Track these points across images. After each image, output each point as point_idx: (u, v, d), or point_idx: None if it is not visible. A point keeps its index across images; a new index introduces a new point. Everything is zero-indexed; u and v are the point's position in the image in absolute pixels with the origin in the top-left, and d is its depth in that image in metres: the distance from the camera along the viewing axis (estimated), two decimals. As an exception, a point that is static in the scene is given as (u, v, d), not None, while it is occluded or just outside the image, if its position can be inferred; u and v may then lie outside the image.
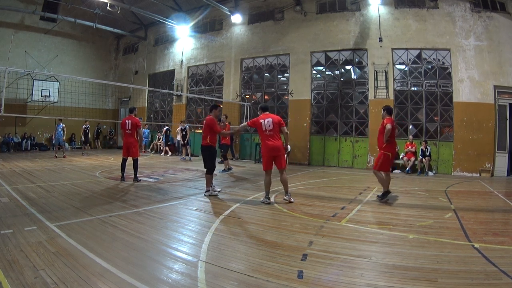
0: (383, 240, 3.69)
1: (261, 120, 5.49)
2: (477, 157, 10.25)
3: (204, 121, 6.19)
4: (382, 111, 6.05)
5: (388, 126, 5.67)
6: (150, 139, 17.04)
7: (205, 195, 5.97)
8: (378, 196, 5.95)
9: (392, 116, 6.07)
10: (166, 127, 15.70)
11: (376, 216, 4.83)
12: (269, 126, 5.44)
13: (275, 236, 3.71)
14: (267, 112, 5.64)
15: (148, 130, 17.04)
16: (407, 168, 10.56)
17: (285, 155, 5.69)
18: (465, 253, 3.23)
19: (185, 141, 13.25)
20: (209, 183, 6.09)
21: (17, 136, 15.84)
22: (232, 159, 12.57)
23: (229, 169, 9.61)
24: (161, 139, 16.28)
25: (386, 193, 5.85)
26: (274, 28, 13.69)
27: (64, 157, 12.22)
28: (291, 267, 2.81)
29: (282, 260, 2.97)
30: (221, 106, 14.94)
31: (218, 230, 3.88)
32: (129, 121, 7.23)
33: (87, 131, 14.41)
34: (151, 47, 18.39)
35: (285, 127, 5.56)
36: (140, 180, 7.35)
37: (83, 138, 14.68)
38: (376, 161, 5.98)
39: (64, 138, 13.27)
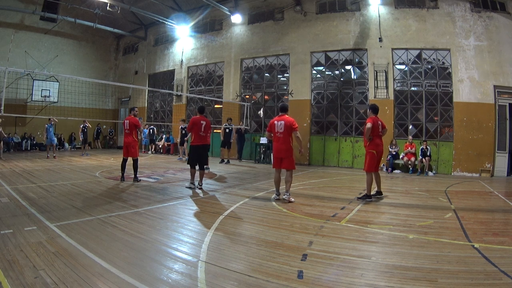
0: (383, 240, 3.69)
1: (275, 121, 5.68)
2: (477, 157, 10.25)
3: (204, 122, 6.57)
4: (368, 110, 6.03)
5: (368, 125, 5.68)
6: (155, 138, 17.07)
7: (199, 187, 6.61)
8: (357, 197, 5.92)
9: (384, 116, 6.01)
10: (151, 126, 16.46)
11: (376, 216, 4.83)
12: (281, 128, 5.56)
13: (275, 236, 3.71)
14: (283, 114, 5.73)
15: (147, 130, 17.03)
16: (410, 169, 10.55)
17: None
18: (465, 253, 3.23)
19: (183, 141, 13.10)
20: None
21: (17, 136, 15.85)
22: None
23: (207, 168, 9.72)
24: (162, 139, 16.39)
25: (368, 196, 5.78)
26: (274, 28, 13.70)
27: (47, 157, 12.09)
28: (291, 267, 2.81)
29: (282, 260, 2.97)
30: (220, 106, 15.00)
31: (218, 230, 3.88)
32: (128, 121, 7.21)
33: (85, 129, 14.31)
34: (151, 47, 18.39)
35: (297, 132, 5.59)
36: (140, 180, 7.35)
37: (81, 137, 14.60)
38: (364, 162, 5.97)
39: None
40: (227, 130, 12.19)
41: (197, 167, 6.63)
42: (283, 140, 5.57)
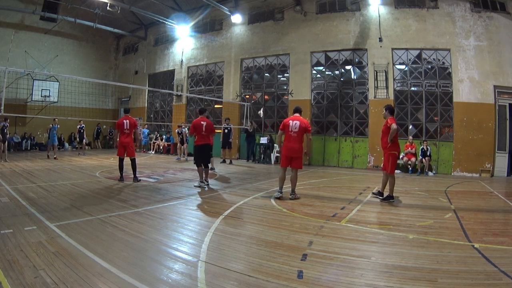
0: (383, 240, 3.68)
1: (290, 121, 5.77)
2: (477, 157, 10.25)
3: (205, 123, 6.75)
4: (384, 110, 5.99)
5: (394, 126, 5.65)
6: (148, 138, 17.08)
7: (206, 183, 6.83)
8: (382, 198, 5.87)
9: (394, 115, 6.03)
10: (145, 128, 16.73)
11: (376, 216, 4.83)
12: (296, 128, 5.66)
13: (275, 236, 3.71)
14: (298, 115, 5.84)
15: (147, 130, 17.04)
16: (410, 169, 10.54)
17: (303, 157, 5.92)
18: (465, 253, 3.23)
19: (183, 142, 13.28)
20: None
21: (17, 136, 15.84)
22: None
23: (212, 168, 9.76)
24: (162, 139, 16.42)
25: (391, 197, 5.76)
26: (274, 28, 13.70)
27: (47, 157, 12.11)
28: (291, 267, 2.81)
29: (282, 260, 2.97)
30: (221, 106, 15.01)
31: (218, 230, 3.88)
32: (127, 121, 7.23)
33: (81, 130, 14.37)
34: (151, 47, 18.40)
35: (309, 133, 5.74)
36: (140, 180, 7.35)
37: (77, 138, 14.67)
38: (386, 164, 5.87)
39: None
40: (226, 131, 12.19)
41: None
42: (296, 139, 5.65)
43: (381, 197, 5.91)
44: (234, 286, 2.47)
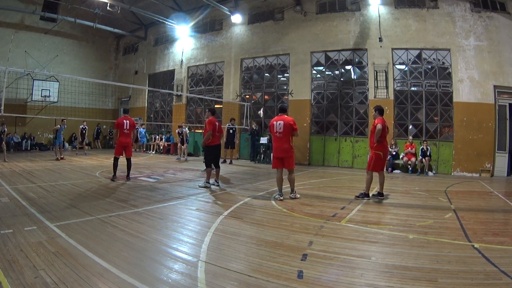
0: (383, 240, 3.69)
1: (274, 122, 5.74)
2: (477, 157, 10.25)
3: (217, 123, 6.91)
4: (374, 111, 6.06)
5: (379, 126, 5.70)
6: (146, 138, 17.08)
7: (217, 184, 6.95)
8: (356, 196, 5.96)
9: (384, 116, 6.05)
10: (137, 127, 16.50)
11: (376, 216, 4.83)
12: (280, 128, 5.62)
13: (275, 236, 3.71)
14: (282, 114, 5.80)
15: (144, 130, 17.01)
16: (410, 169, 10.54)
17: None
18: (465, 253, 3.23)
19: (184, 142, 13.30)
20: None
21: (17, 136, 15.84)
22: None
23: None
24: (162, 139, 16.41)
25: (366, 195, 5.86)
26: (274, 28, 13.69)
27: (63, 158, 12.19)
28: (291, 267, 2.81)
29: (282, 260, 2.97)
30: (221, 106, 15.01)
31: (218, 230, 3.88)
32: (127, 121, 7.34)
33: (84, 131, 14.42)
34: (151, 47, 18.39)
35: (297, 132, 5.72)
36: (130, 178, 7.44)
37: (79, 138, 14.73)
38: (368, 162, 6.00)
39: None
40: (231, 131, 12.20)
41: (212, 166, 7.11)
42: (282, 140, 5.63)
43: (381, 197, 5.92)
44: (234, 286, 2.47)
